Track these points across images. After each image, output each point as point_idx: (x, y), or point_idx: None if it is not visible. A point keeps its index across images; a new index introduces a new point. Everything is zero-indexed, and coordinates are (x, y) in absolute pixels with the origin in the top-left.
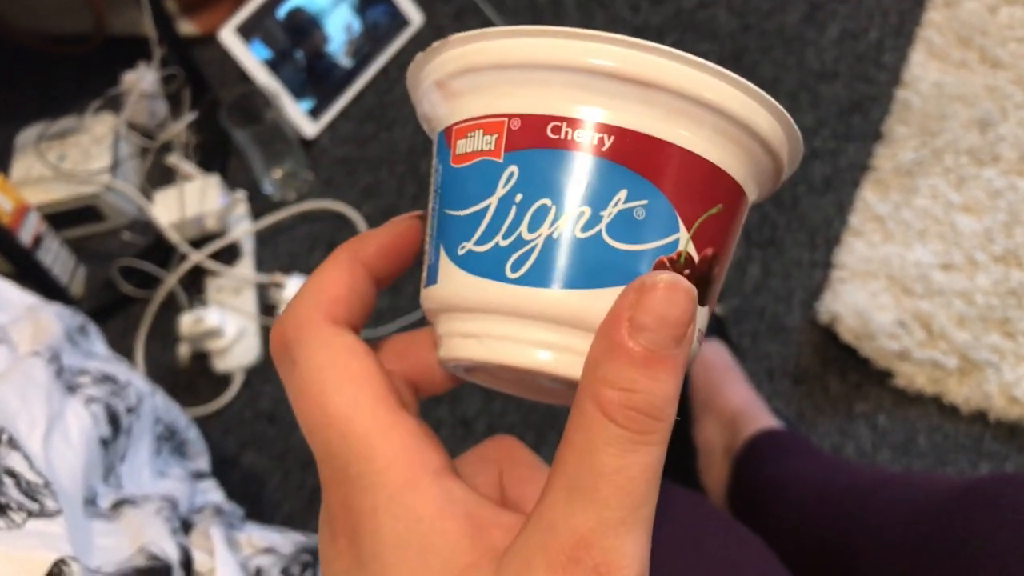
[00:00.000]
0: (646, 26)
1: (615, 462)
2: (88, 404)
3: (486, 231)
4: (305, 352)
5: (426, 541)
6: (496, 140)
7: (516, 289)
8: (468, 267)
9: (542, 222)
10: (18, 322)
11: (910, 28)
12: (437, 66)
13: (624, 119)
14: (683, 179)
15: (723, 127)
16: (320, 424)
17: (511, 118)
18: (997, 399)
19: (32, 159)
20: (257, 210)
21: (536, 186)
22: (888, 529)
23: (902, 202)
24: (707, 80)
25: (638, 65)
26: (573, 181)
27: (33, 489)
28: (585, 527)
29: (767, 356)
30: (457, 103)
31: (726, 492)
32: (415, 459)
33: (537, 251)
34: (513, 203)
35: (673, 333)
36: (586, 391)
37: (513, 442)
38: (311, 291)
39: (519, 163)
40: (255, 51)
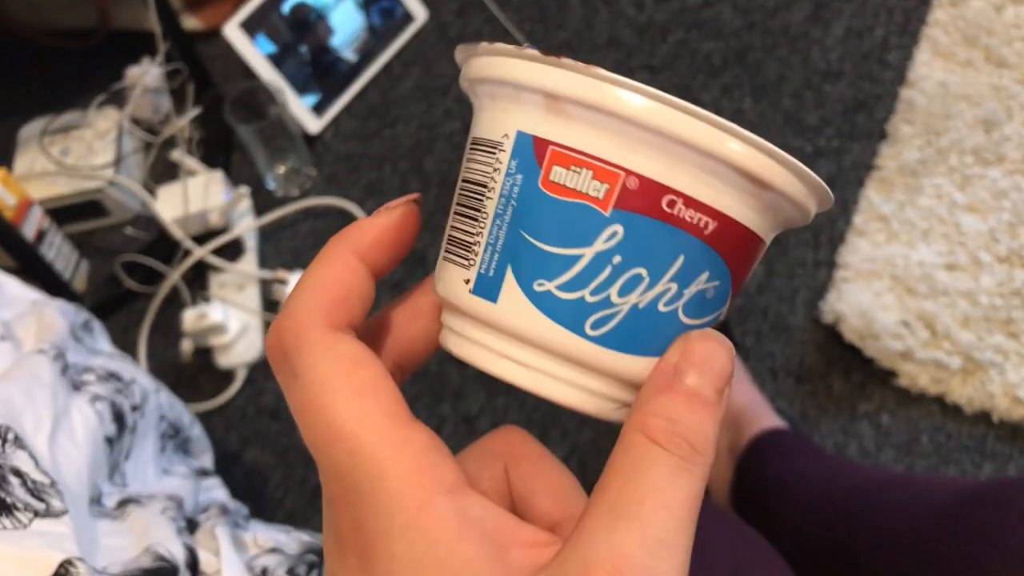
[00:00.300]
0: (651, 23)
1: (660, 482)
2: (93, 402)
3: (574, 280)
4: (307, 362)
5: (446, 567)
6: (607, 191)
7: (592, 347)
8: (545, 309)
9: (632, 290)
10: (22, 318)
11: (916, 27)
12: (573, 85)
13: (728, 206)
14: (745, 258)
15: (785, 209)
16: (327, 440)
17: (629, 175)
18: (1000, 399)
19: (35, 154)
20: (260, 206)
21: (637, 253)
22: (892, 531)
23: (906, 201)
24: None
25: (762, 165)
26: (671, 257)
27: (39, 489)
28: (627, 544)
29: (771, 355)
30: (565, 124)
31: (729, 491)
32: (428, 478)
33: (621, 317)
34: (609, 263)
35: (714, 382)
36: (634, 425)
37: (518, 434)
38: (309, 292)
39: (625, 224)
40: (259, 46)
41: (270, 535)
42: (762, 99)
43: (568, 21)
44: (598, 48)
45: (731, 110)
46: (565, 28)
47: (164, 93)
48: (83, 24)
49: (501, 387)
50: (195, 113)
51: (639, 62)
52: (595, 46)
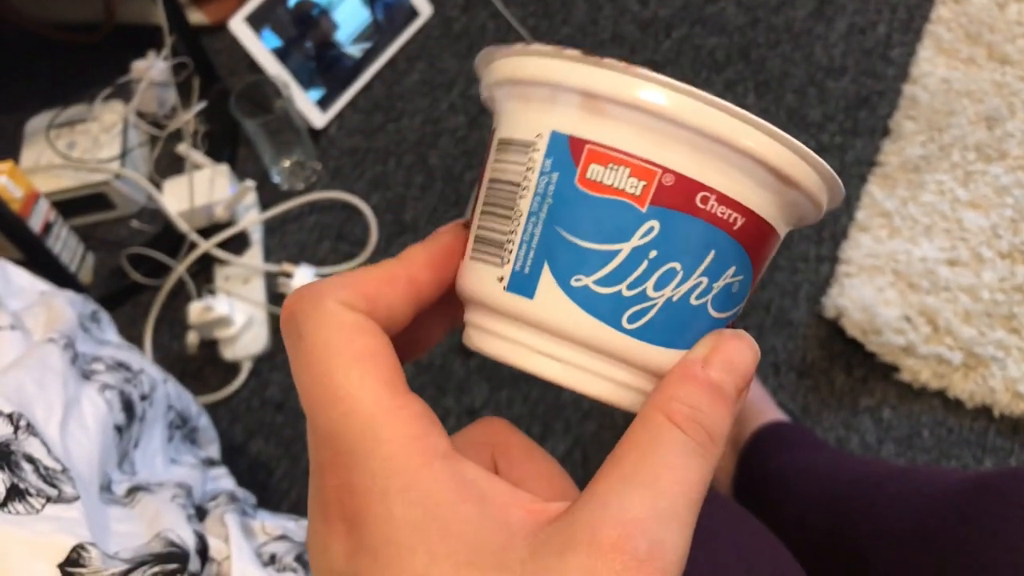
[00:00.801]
0: (655, 19)
1: (678, 460)
2: (103, 391)
3: (611, 275)
4: (312, 325)
5: (449, 527)
6: (644, 188)
7: (628, 340)
8: (583, 303)
9: (667, 284)
10: (31, 308)
11: (919, 23)
12: (597, 79)
13: (755, 203)
14: (765, 253)
15: (801, 203)
16: (323, 402)
17: (666, 172)
18: (1002, 394)
19: (42, 147)
20: (266, 199)
21: (672, 248)
22: (895, 523)
23: (909, 197)
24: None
25: (789, 162)
26: (704, 252)
27: (51, 475)
28: (639, 511)
29: (773, 350)
30: (602, 123)
31: (732, 484)
32: (424, 443)
33: (656, 310)
34: (646, 257)
35: (737, 380)
36: (656, 405)
37: (502, 424)
38: (341, 277)
39: (662, 220)
40: (266, 40)
41: (278, 523)
42: (765, 95)
43: (572, 16)
44: (602, 44)
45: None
46: (569, 23)
47: (170, 87)
48: (89, 18)
49: (505, 380)
50: (201, 107)
51: (643, 58)
52: (599, 41)
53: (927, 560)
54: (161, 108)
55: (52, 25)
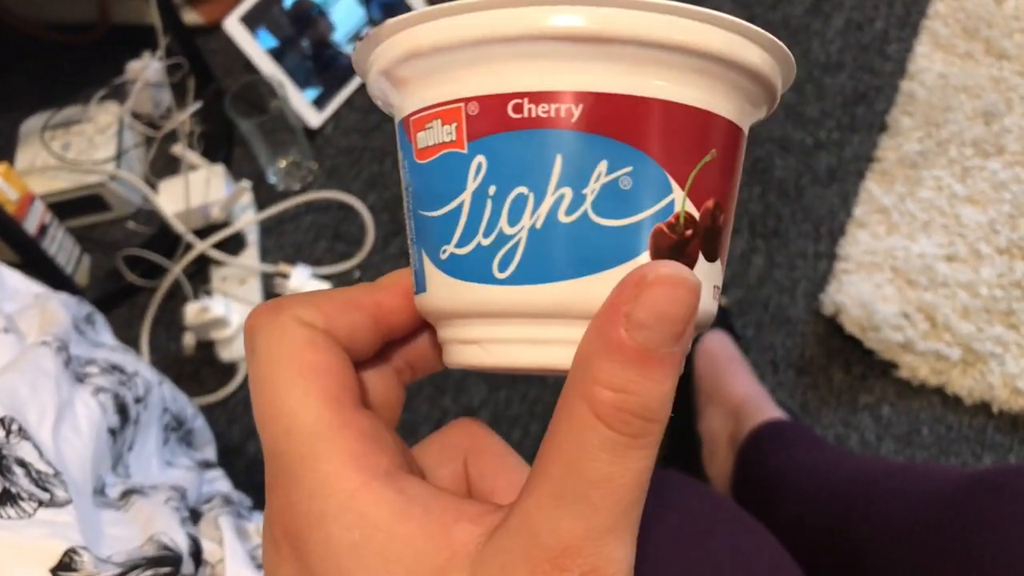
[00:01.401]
0: None
1: (607, 469)
2: (96, 394)
3: (465, 231)
4: (264, 339)
5: (388, 549)
6: (456, 129)
7: (507, 290)
8: (453, 272)
9: (522, 213)
10: (25, 311)
11: (916, 19)
12: (381, 53)
13: (590, 82)
14: (668, 133)
15: (704, 67)
16: (268, 417)
17: (468, 102)
18: (1000, 390)
19: (37, 148)
20: (262, 200)
21: (508, 174)
22: (894, 520)
23: (907, 193)
24: (676, 22)
25: (597, 20)
26: (546, 162)
27: (43, 479)
28: (572, 534)
29: (771, 347)
30: (408, 91)
31: (730, 482)
32: (363, 461)
33: (522, 245)
34: (487, 196)
35: (673, 330)
36: (577, 389)
37: (477, 427)
38: (301, 294)
39: (485, 151)
40: (261, 40)
41: None
42: None
43: None
44: None
45: None
46: None
47: (165, 87)
48: (84, 18)
49: (502, 380)
50: (196, 107)
51: None
52: None
53: (925, 557)
54: (156, 109)
55: (47, 26)
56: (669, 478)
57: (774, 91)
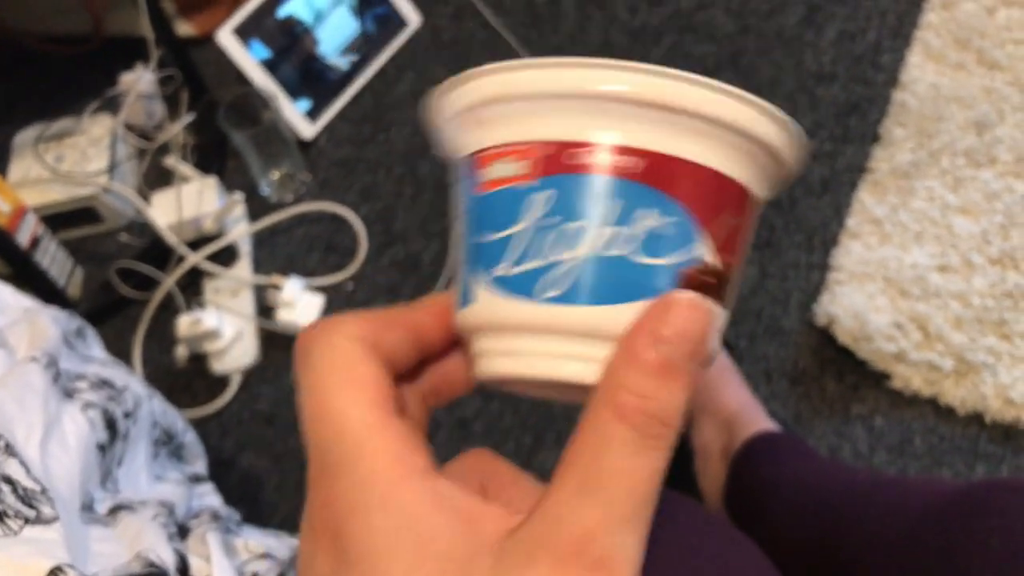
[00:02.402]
0: (644, 27)
1: (627, 462)
2: (85, 409)
3: (522, 253)
4: (318, 353)
5: (423, 537)
6: (529, 165)
7: (548, 308)
8: (502, 289)
9: (576, 243)
10: (15, 326)
11: (908, 30)
12: (464, 95)
13: (640, 140)
14: (698, 192)
15: (728, 138)
16: (318, 418)
17: (542, 144)
18: (993, 401)
19: (30, 160)
20: (255, 211)
21: (567, 209)
22: (881, 534)
23: (899, 204)
24: (709, 96)
25: (649, 89)
26: (599, 202)
27: (30, 496)
28: (592, 521)
29: (764, 358)
30: (485, 131)
31: (723, 494)
32: (404, 459)
33: (570, 272)
34: (549, 227)
35: (690, 349)
36: (604, 395)
37: (489, 455)
38: (349, 314)
39: (552, 187)
40: (255, 51)
41: (261, 540)
42: None
43: (561, 25)
44: (592, 52)
45: None
46: (558, 32)
47: (158, 99)
48: (77, 30)
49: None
50: (189, 119)
51: None
52: (589, 50)
53: (914, 570)
54: (149, 121)
55: (39, 38)
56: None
57: (786, 166)
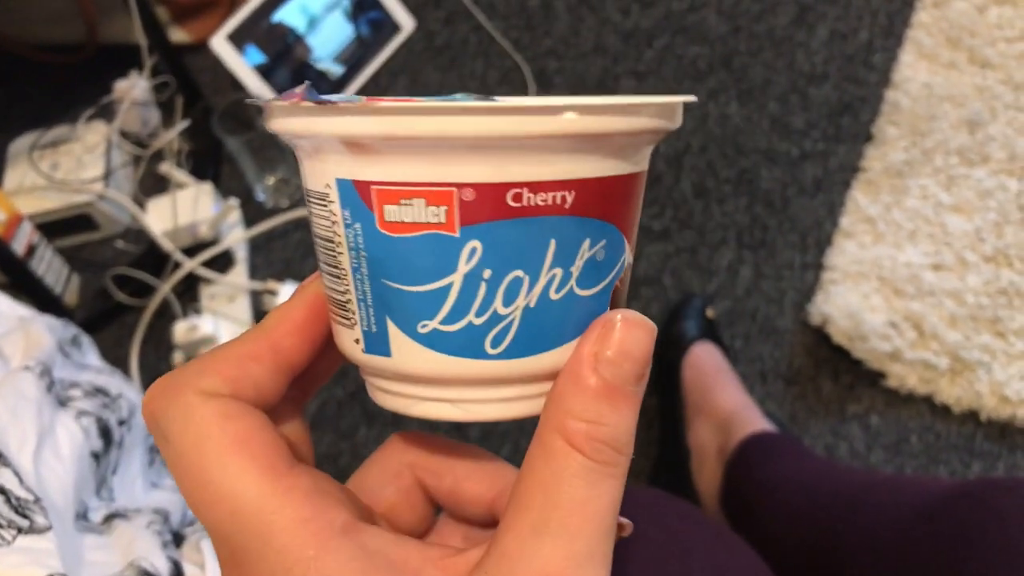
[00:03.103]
0: (636, 29)
1: (585, 493)
2: (79, 418)
3: (453, 310)
4: (175, 425)
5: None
6: (447, 213)
7: (500, 364)
8: (437, 347)
9: (516, 295)
10: (10, 335)
11: (899, 29)
12: (349, 123)
13: (575, 171)
14: (626, 203)
15: (644, 141)
16: (206, 503)
17: (462, 188)
18: (988, 399)
19: (25, 168)
20: (250, 217)
21: (505, 259)
22: (877, 533)
23: (893, 203)
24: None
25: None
26: (542, 246)
27: (23, 505)
28: (554, 561)
29: (759, 358)
30: (377, 161)
31: (719, 494)
32: (317, 525)
33: (516, 324)
34: (481, 279)
35: (634, 369)
36: (550, 424)
37: (413, 438)
38: (193, 363)
39: (481, 237)
40: (249, 57)
41: None
42: (748, 103)
43: (554, 28)
44: (584, 55)
45: (717, 114)
46: (551, 35)
47: (152, 106)
48: (71, 38)
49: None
50: (184, 126)
51: (625, 68)
52: (581, 53)
53: (908, 570)
54: (144, 128)
55: (34, 46)
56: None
57: None
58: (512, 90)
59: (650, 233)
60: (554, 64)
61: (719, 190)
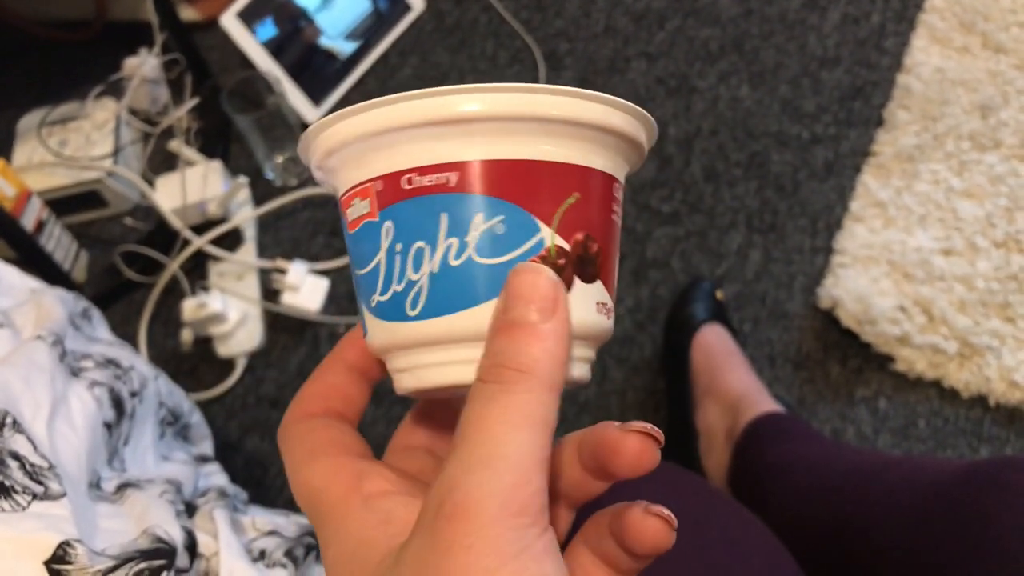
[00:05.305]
0: (648, 11)
1: (476, 412)
2: (91, 388)
3: (384, 282)
4: (287, 447)
5: (358, 553)
6: (371, 203)
7: (417, 324)
8: (381, 315)
9: (421, 262)
10: (21, 306)
11: (912, 13)
12: (313, 151)
13: (453, 154)
14: (528, 185)
15: (545, 129)
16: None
17: (375, 181)
18: (997, 383)
19: (34, 145)
20: (259, 196)
21: (408, 233)
22: (889, 512)
23: (903, 187)
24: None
25: (444, 107)
26: (435, 219)
27: (37, 472)
28: (451, 470)
29: (768, 342)
30: (338, 177)
31: (727, 476)
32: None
33: (425, 288)
34: (396, 253)
35: (528, 305)
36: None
37: (427, 407)
38: (297, 397)
39: (391, 218)
40: (259, 35)
41: (268, 518)
42: (759, 86)
43: (565, 9)
44: (595, 36)
45: (728, 97)
46: (562, 16)
47: (162, 84)
48: (80, 15)
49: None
50: (193, 103)
51: (636, 50)
52: (592, 34)
53: (920, 549)
54: (153, 105)
55: (43, 23)
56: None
57: (631, 140)
58: (523, 70)
59: (659, 216)
60: (565, 46)
61: (729, 173)
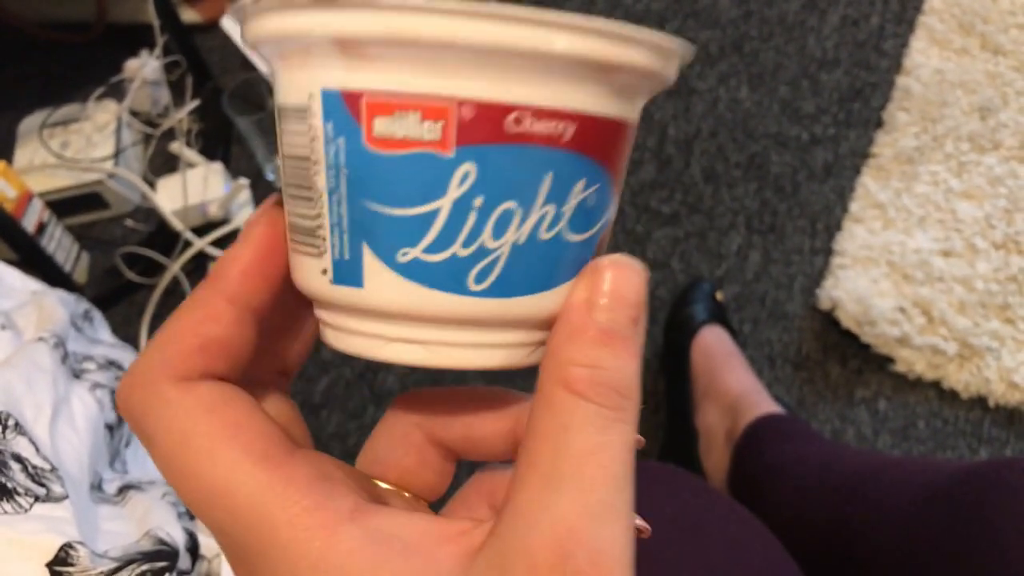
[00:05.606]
0: (648, 12)
1: (596, 439)
2: (93, 390)
3: (439, 238)
4: (156, 424)
5: None
6: (443, 129)
7: (481, 302)
8: (417, 278)
9: (507, 228)
10: (23, 308)
11: (911, 15)
12: (348, 21)
13: (581, 102)
14: (617, 150)
15: (636, 83)
16: (204, 502)
17: (461, 104)
18: (997, 384)
19: (35, 146)
20: (260, 197)
21: (499, 188)
22: (889, 513)
23: (903, 189)
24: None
25: (601, 51)
26: (538, 179)
27: (40, 474)
28: (572, 516)
29: (768, 342)
30: (371, 68)
31: (727, 477)
32: (323, 513)
33: (503, 260)
34: (472, 208)
35: (629, 313)
36: (552, 377)
37: (412, 398)
38: (156, 347)
39: (477, 160)
40: None
41: None
42: (759, 88)
43: (565, 9)
44: None
45: (728, 99)
46: None
47: (163, 85)
48: (81, 17)
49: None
50: (194, 105)
51: None
52: None
53: (919, 550)
54: (154, 107)
55: (44, 25)
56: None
57: None
58: None
59: (659, 217)
60: None
61: (729, 174)
